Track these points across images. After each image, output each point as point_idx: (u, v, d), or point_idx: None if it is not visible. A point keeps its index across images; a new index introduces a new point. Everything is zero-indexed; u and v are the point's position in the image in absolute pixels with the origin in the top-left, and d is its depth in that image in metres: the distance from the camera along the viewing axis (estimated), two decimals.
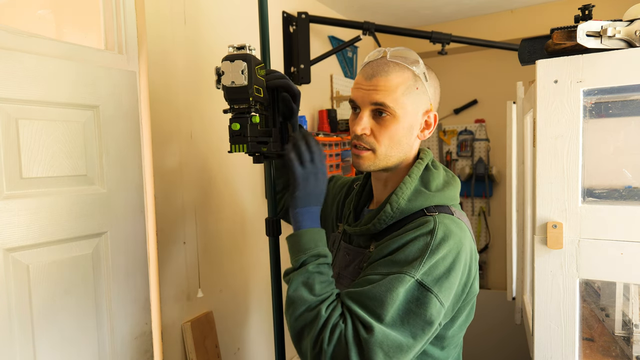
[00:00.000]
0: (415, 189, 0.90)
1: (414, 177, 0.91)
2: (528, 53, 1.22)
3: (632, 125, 1.21)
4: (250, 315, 1.87)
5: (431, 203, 0.89)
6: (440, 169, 0.96)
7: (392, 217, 0.89)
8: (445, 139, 3.20)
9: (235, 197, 1.80)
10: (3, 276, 1.03)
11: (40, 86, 1.11)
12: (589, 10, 1.10)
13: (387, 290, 0.77)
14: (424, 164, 0.93)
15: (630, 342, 1.23)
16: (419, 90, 0.89)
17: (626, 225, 1.06)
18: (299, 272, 0.86)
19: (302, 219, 0.91)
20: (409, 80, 0.88)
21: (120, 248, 1.31)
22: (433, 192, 0.90)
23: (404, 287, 0.77)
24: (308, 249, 0.88)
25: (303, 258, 0.87)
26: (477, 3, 2.56)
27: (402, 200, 0.88)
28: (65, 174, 1.17)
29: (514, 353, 2.76)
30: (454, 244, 0.81)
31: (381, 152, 0.90)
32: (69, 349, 1.18)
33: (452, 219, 0.85)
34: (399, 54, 0.90)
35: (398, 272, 0.79)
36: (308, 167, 0.93)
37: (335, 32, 2.58)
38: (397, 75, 0.87)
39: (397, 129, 0.89)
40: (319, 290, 0.83)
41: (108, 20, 1.33)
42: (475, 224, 3.15)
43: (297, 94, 1.09)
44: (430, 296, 0.77)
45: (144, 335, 1.38)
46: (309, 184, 0.92)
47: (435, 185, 0.91)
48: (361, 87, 0.91)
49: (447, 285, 0.80)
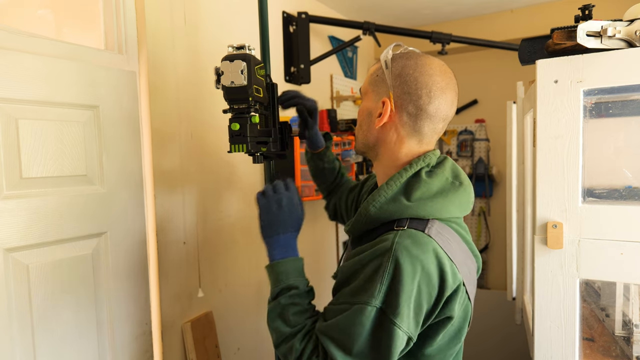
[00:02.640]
0: (392, 197, 0.83)
1: (392, 184, 0.85)
2: (528, 53, 1.21)
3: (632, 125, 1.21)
4: (250, 315, 1.87)
5: (405, 214, 0.81)
6: (439, 176, 0.85)
7: (363, 223, 0.87)
8: (445, 139, 3.20)
9: (235, 197, 1.80)
10: (3, 276, 1.03)
11: (40, 86, 1.11)
12: (589, 10, 1.10)
13: (351, 324, 0.77)
14: (410, 172, 0.85)
15: (631, 342, 1.23)
16: (379, 77, 0.90)
17: (626, 225, 1.06)
18: (274, 304, 0.91)
19: (271, 249, 0.98)
20: (376, 69, 0.93)
21: (120, 248, 1.31)
22: (412, 202, 0.81)
23: (367, 318, 0.76)
24: (279, 281, 0.92)
25: (277, 290, 0.92)
26: (477, 3, 2.56)
27: (372, 207, 0.84)
28: (65, 174, 1.17)
29: (514, 353, 2.76)
30: (410, 268, 0.74)
31: (357, 135, 0.97)
32: (68, 349, 1.18)
33: (414, 239, 0.77)
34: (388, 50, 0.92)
35: (359, 302, 0.77)
36: (269, 196, 1.00)
37: (335, 32, 2.58)
38: (373, 67, 0.94)
39: (360, 113, 0.96)
40: (293, 321, 0.87)
41: (108, 20, 1.33)
42: (475, 224, 3.15)
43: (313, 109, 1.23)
44: (391, 325, 0.75)
45: (144, 335, 1.38)
46: (270, 213, 0.99)
47: (419, 195, 0.82)
48: None
49: (406, 310, 0.75)
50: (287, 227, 0.98)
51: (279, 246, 0.97)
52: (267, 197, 1.00)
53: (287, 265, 0.94)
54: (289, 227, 0.98)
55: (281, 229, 0.98)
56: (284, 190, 1.01)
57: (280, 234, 0.98)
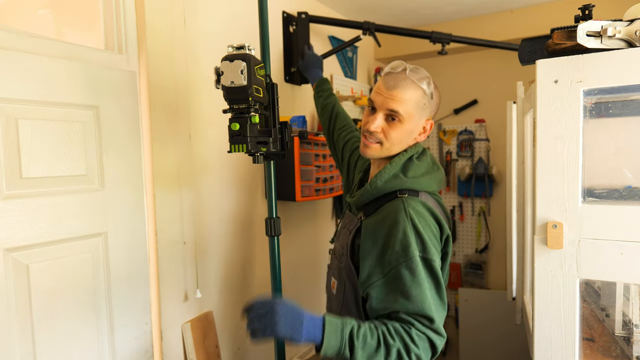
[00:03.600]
0: (394, 174, 1.11)
1: (394, 164, 1.12)
2: (528, 53, 1.21)
3: (632, 125, 1.21)
4: None
5: (404, 186, 1.10)
6: (423, 161, 1.15)
7: (371, 193, 1.12)
8: (445, 139, 3.20)
9: (235, 197, 1.80)
10: (3, 276, 1.03)
11: (40, 86, 1.11)
12: (589, 10, 1.10)
13: (411, 281, 0.98)
14: (406, 155, 1.13)
15: (631, 342, 1.23)
16: (426, 105, 1.13)
17: (626, 225, 1.06)
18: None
19: (309, 340, 0.92)
20: (420, 97, 1.10)
21: (120, 248, 1.31)
22: (409, 178, 1.10)
23: (417, 265, 0.99)
24: (342, 344, 0.93)
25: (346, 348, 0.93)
26: (477, 3, 2.56)
27: (379, 181, 1.11)
28: (65, 174, 1.17)
29: (514, 353, 2.76)
30: (423, 221, 1.04)
31: (386, 146, 1.13)
32: (68, 349, 1.18)
33: (417, 201, 1.07)
34: (415, 72, 1.11)
35: (404, 262, 0.99)
36: (259, 314, 0.91)
37: (335, 32, 2.58)
38: (412, 92, 1.09)
39: (401, 131, 1.11)
40: (384, 350, 0.95)
41: (108, 21, 1.33)
42: (475, 224, 3.15)
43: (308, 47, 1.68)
44: (431, 262, 1.01)
45: (144, 335, 1.38)
46: (272, 322, 0.90)
47: (412, 174, 1.11)
48: (381, 94, 1.11)
49: (433, 249, 1.02)
50: (295, 322, 0.91)
51: (307, 334, 0.91)
52: (258, 314, 0.92)
53: (329, 336, 0.91)
54: (296, 320, 0.92)
55: (288, 329, 0.91)
56: (261, 307, 0.92)
57: (293, 333, 0.91)
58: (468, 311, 2.95)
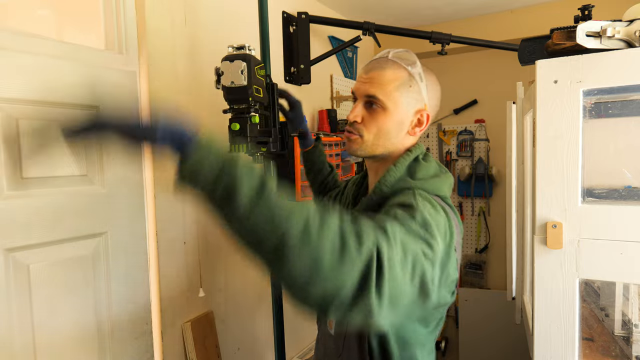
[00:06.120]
0: (400, 178, 0.93)
1: (399, 166, 0.94)
2: (528, 53, 1.22)
3: (632, 125, 1.22)
4: (250, 315, 1.87)
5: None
6: (431, 162, 0.98)
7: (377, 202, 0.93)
8: (445, 139, 3.20)
9: None
10: (3, 276, 1.03)
11: (40, 86, 1.11)
12: (589, 11, 1.10)
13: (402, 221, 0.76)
14: (412, 156, 0.95)
15: (630, 342, 1.23)
16: (413, 88, 0.93)
17: (626, 225, 1.06)
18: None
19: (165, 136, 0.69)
20: (403, 78, 0.92)
21: (120, 248, 1.31)
22: (417, 180, 0.92)
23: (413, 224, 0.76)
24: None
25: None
26: (477, 3, 2.56)
27: (384, 187, 0.92)
28: (65, 174, 1.17)
29: (514, 353, 2.76)
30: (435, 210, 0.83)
31: (368, 139, 0.95)
32: (69, 349, 1.18)
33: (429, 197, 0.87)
34: (399, 54, 0.95)
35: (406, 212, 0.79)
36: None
37: (335, 32, 2.58)
38: (392, 72, 0.92)
39: (385, 121, 0.93)
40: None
41: (108, 21, 1.33)
42: (475, 224, 3.15)
43: (294, 102, 1.26)
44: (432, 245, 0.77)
45: (144, 335, 1.38)
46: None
47: (421, 175, 0.93)
48: (360, 80, 0.96)
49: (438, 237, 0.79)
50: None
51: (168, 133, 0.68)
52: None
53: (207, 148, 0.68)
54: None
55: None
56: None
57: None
58: (468, 311, 2.95)
